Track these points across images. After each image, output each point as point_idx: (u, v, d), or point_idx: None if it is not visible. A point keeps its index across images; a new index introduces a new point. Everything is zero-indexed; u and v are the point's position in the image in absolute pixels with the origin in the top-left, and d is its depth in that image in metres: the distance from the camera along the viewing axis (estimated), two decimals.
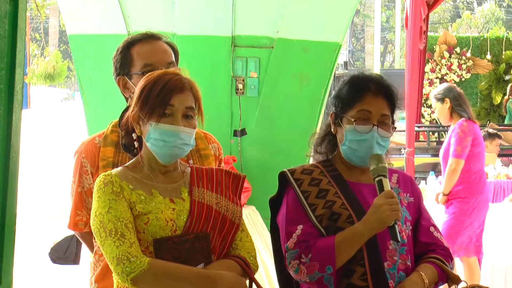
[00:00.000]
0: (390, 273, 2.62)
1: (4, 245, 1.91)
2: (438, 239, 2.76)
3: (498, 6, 36.91)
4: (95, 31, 5.26)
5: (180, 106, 2.48)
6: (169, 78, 2.50)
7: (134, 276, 2.34)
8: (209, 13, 5.29)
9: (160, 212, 2.43)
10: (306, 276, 2.59)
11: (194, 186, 2.54)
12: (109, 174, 2.49)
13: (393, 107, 2.74)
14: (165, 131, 2.46)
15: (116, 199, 2.43)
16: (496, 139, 9.18)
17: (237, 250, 2.54)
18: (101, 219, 2.41)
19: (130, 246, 2.36)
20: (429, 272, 2.66)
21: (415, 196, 2.81)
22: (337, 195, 2.67)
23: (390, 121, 2.72)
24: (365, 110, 2.69)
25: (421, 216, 2.79)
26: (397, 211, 2.54)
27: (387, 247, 2.63)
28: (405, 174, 2.89)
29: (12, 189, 1.93)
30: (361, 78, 2.76)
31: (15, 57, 1.90)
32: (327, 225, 2.62)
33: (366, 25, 36.94)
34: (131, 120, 2.52)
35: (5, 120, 1.89)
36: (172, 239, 2.43)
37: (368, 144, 2.67)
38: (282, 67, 5.34)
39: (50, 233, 7.04)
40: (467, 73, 16.26)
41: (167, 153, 2.49)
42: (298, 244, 2.61)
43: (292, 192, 2.71)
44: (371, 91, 2.71)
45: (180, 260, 2.41)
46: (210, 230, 2.48)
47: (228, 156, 5.24)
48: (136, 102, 2.50)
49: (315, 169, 2.75)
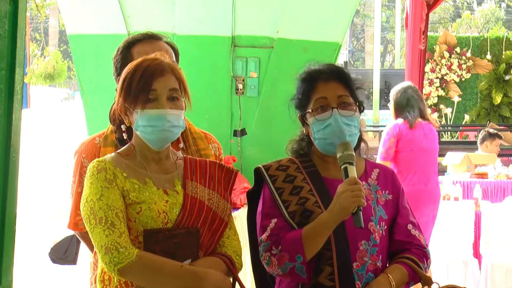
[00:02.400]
0: (359, 274, 2.60)
1: (4, 245, 1.91)
2: (415, 237, 2.72)
3: (498, 6, 36.92)
4: (95, 31, 5.26)
5: (163, 90, 2.46)
6: (148, 63, 2.49)
7: (121, 267, 2.34)
8: (209, 13, 5.29)
9: (153, 203, 2.43)
10: (277, 268, 2.57)
11: (188, 180, 2.53)
12: (102, 161, 2.47)
13: (350, 86, 2.72)
14: (152, 116, 2.45)
15: (108, 186, 2.42)
16: (496, 139, 9.18)
17: (224, 248, 2.54)
18: (91, 206, 2.40)
19: (119, 236, 2.35)
20: (397, 273, 2.63)
21: (395, 193, 2.77)
22: (311, 192, 2.66)
23: (350, 100, 2.70)
24: (320, 98, 2.69)
25: (399, 214, 2.75)
26: (359, 197, 2.49)
27: (357, 247, 2.61)
28: (386, 169, 2.85)
29: (12, 189, 1.93)
30: (309, 71, 2.77)
31: (15, 57, 1.90)
32: (299, 221, 2.61)
33: (366, 25, 36.95)
34: (118, 112, 2.52)
35: (5, 120, 1.89)
36: (163, 232, 2.42)
37: (334, 128, 2.65)
38: (282, 67, 5.34)
39: (50, 232, 7.03)
40: (467, 73, 16.26)
41: (158, 138, 2.47)
42: (270, 236, 2.60)
43: (267, 187, 2.70)
44: (321, 79, 2.72)
45: (168, 253, 2.41)
46: (201, 225, 2.49)
47: (228, 156, 5.24)
48: (119, 93, 2.50)
49: (291, 165, 2.74)
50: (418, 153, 6.30)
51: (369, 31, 33.51)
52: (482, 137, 9.21)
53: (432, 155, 6.42)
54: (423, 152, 6.32)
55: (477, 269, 7.04)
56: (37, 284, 7.25)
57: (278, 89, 5.35)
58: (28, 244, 7.71)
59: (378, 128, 14.99)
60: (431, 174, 6.37)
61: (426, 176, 6.31)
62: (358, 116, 2.72)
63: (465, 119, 15.88)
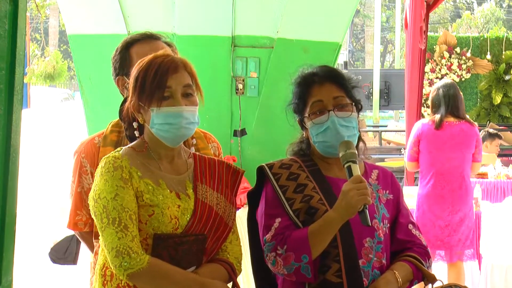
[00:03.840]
0: (365, 270, 2.61)
1: (4, 245, 1.91)
2: (416, 236, 2.74)
3: (498, 6, 36.90)
4: (95, 31, 5.26)
5: (177, 86, 2.44)
6: (161, 60, 2.46)
7: (131, 273, 2.33)
8: (209, 13, 5.29)
9: (166, 208, 2.41)
10: (283, 267, 2.57)
11: (198, 182, 2.52)
12: (119, 158, 2.43)
13: (345, 86, 2.73)
14: (169, 114, 2.42)
15: (124, 186, 2.39)
16: (496, 139, 9.17)
17: (226, 253, 2.54)
18: (105, 204, 2.37)
19: (132, 240, 2.34)
20: (403, 270, 2.65)
21: (394, 193, 2.79)
22: (315, 190, 2.66)
23: (346, 100, 2.71)
24: (316, 101, 2.70)
25: (400, 213, 2.77)
26: (365, 195, 2.50)
27: (363, 245, 2.63)
28: (385, 170, 2.86)
29: (12, 189, 1.93)
30: (304, 76, 2.78)
31: (15, 57, 1.90)
32: (304, 219, 2.62)
33: (366, 25, 36.93)
34: (131, 110, 2.48)
35: (5, 120, 1.88)
36: (173, 238, 2.41)
37: (332, 131, 2.66)
38: (282, 67, 5.34)
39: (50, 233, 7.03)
40: (467, 73, 16.25)
41: (175, 135, 2.45)
42: (275, 236, 2.60)
43: (270, 186, 2.70)
44: (315, 82, 2.73)
45: (175, 260, 2.41)
46: (208, 232, 2.48)
47: (228, 156, 5.24)
48: (133, 91, 2.46)
49: (293, 164, 2.74)
50: (438, 154, 6.24)
51: (369, 31, 33.50)
52: (482, 137, 9.21)
53: (457, 157, 6.25)
54: (444, 153, 6.22)
55: (477, 269, 7.03)
56: (37, 284, 7.25)
57: (278, 89, 5.35)
58: (28, 244, 7.71)
59: (378, 128, 14.98)
60: (454, 178, 6.23)
61: (446, 179, 6.21)
62: (356, 116, 2.73)
63: None
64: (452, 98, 6.27)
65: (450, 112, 6.25)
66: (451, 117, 6.26)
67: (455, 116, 6.26)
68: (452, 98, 6.26)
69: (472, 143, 6.30)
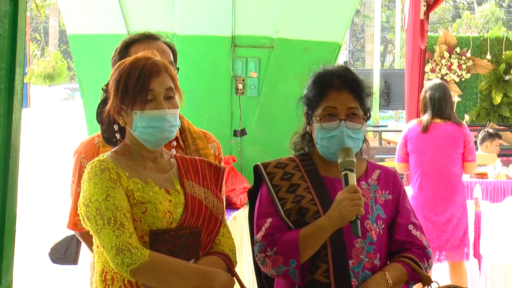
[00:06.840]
0: (355, 271, 2.61)
1: (4, 245, 1.91)
2: (416, 237, 2.73)
3: (498, 6, 36.90)
4: (95, 31, 5.26)
5: (160, 90, 2.44)
6: (143, 63, 2.45)
7: (134, 268, 2.33)
8: (209, 13, 5.29)
9: (159, 203, 2.42)
10: (271, 269, 2.60)
11: (184, 179, 2.53)
12: (104, 160, 2.44)
13: (361, 98, 2.72)
14: (152, 117, 2.43)
15: (114, 186, 2.39)
16: (496, 139, 9.17)
17: (220, 246, 2.55)
18: (97, 206, 2.37)
19: (130, 237, 2.34)
20: (396, 271, 2.63)
21: (395, 194, 2.77)
22: (308, 190, 2.67)
23: (359, 112, 2.70)
24: (330, 107, 2.68)
25: (399, 214, 2.75)
26: (358, 206, 2.51)
27: (353, 245, 2.62)
28: (388, 170, 2.85)
29: (12, 189, 1.93)
30: (324, 75, 2.75)
31: (15, 57, 1.90)
32: (295, 219, 2.63)
33: (366, 25, 36.94)
34: (112, 112, 2.48)
35: (5, 120, 1.89)
36: (169, 232, 2.42)
37: (338, 140, 2.65)
38: (282, 67, 5.34)
39: (50, 232, 7.04)
40: (467, 73, 16.25)
41: (157, 138, 2.47)
42: (265, 237, 2.62)
43: (265, 185, 2.71)
44: (334, 87, 2.70)
45: (174, 254, 2.41)
46: (201, 225, 2.49)
47: (228, 156, 5.24)
48: (115, 93, 2.46)
49: (290, 163, 2.75)
50: (422, 156, 6.24)
51: (369, 31, 33.50)
52: (482, 137, 9.21)
53: (441, 158, 6.22)
54: (428, 154, 6.21)
55: (477, 269, 7.03)
56: (37, 284, 7.25)
57: (278, 89, 5.36)
58: (28, 244, 7.72)
59: (378, 128, 14.98)
60: (439, 179, 6.20)
61: (431, 180, 6.20)
62: (365, 128, 2.73)
63: (465, 119, 15.86)
64: (438, 100, 6.28)
65: (436, 114, 6.27)
66: (437, 119, 6.28)
67: (441, 118, 6.28)
68: (437, 100, 6.28)
69: (458, 143, 6.26)
